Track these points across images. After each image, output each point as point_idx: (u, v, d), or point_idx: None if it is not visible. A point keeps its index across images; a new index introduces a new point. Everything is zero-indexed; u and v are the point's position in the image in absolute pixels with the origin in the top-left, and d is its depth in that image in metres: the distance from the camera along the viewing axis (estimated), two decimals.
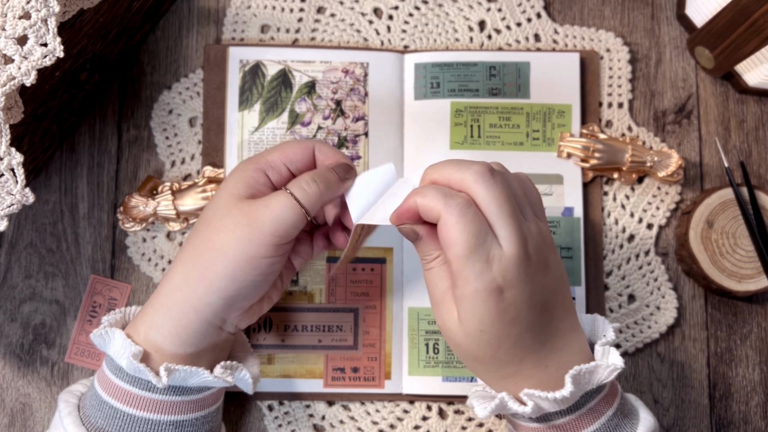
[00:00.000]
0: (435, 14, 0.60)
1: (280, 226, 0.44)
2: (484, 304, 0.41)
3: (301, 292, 0.57)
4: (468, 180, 0.41)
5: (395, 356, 0.56)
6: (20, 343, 0.56)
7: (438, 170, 0.43)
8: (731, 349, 0.58)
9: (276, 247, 0.44)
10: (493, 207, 0.41)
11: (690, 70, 0.61)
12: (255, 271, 0.45)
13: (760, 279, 0.56)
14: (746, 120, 0.60)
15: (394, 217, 0.44)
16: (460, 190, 0.42)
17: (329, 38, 0.60)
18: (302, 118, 0.58)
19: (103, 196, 0.58)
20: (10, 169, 0.41)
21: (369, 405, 0.56)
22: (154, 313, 0.46)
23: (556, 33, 0.60)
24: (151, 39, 0.60)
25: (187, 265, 0.46)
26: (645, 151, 0.57)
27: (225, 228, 0.45)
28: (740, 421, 0.57)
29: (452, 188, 0.42)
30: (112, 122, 0.59)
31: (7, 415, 0.56)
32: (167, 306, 0.46)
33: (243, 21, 0.60)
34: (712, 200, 0.56)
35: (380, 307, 0.56)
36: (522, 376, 0.44)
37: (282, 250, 0.45)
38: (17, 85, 0.40)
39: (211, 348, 0.47)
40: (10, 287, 0.57)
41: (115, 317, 0.48)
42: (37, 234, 0.57)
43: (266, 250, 0.44)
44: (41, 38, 0.40)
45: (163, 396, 0.46)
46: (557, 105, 0.58)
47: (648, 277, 0.58)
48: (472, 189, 0.41)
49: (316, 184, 0.45)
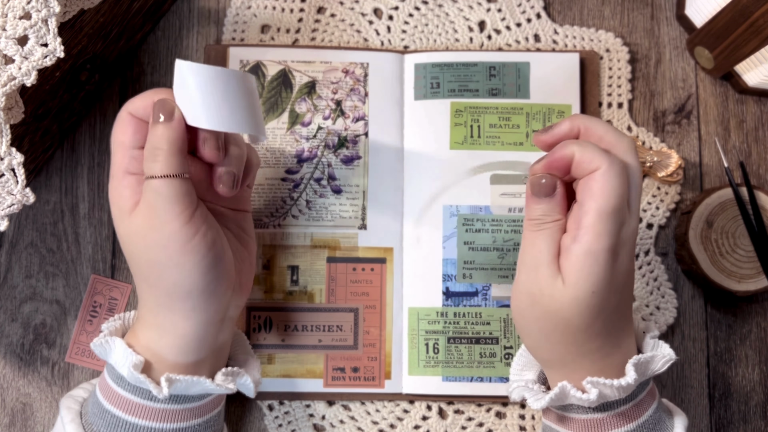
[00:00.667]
0: (435, 14, 0.61)
1: (169, 206, 0.42)
2: (604, 264, 0.41)
3: (301, 292, 0.57)
4: (624, 147, 0.43)
5: (395, 356, 0.56)
6: (21, 342, 0.56)
7: (593, 124, 0.44)
8: (731, 349, 0.58)
9: (187, 222, 0.42)
10: (636, 180, 0.43)
11: (690, 70, 0.61)
12: (198, 254, 0.43)
13: (760, 279, 0.56)
14: (746, 120, 0.60)
15: (542, 166, 0.44)
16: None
17: (329, 38, 0.60)
18: (302, 118, 0.58)
19: (104, 196, 0.58)
20: (10, 169, 0.41)
21: (369, 405, 0.57)
22: (153, 318, 0.46)
23: (556, 33, 0.60)
24: (151, 39, 0.60)
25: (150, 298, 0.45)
26: (645, 151, 0.58)
27: (140, 250, 0.43)
28: (740, 420, 0.57)
29: (600, 146, 0.43)
30: (113, 122, 0.59)
31: (8, 414, 0.56)
32: (158, 321, 0.45)
33: (243, 21, 0.60)
34: (711, 200, 0.56)
35: (380, 306, 0.57)
36: (600, 354, 0.44)
37: (194, 218, 0.43)
38: (18, 85, 0.40)
39: (211, 353, 0.47)
40: (10, 287, 0.57)
41: (114, 324, 0.48)
42: (37, 234, 0.57)
43: (186, 232, 0.42)
44: (42, 38, 0.40)
45: (165, 405, 0.45)
46: (557, 105, 0.58)
47: (648, 277, 0.58)
48: (626, 156, 0.43)
49: (155, 152, 0.42)
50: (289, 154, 0.58)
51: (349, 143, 0.58)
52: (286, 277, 0.57)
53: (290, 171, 0.58)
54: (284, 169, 0.58)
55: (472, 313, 0.56)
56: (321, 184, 0.58)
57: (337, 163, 0.58)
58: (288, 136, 0.58)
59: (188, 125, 0.43)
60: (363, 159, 0.58)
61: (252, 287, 0.56)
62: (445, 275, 0.57)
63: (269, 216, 0.57)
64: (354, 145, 0.58)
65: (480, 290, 0.57)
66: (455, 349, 0.56)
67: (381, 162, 0.58)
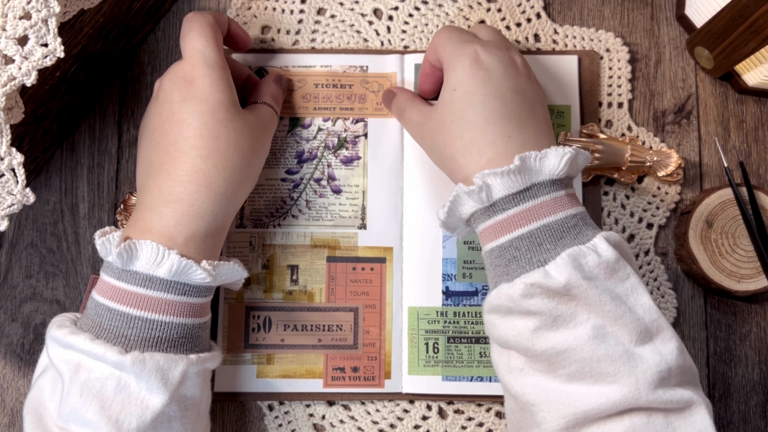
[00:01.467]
0: (435, 14, 0.61)
1: (270, 131, 0.54)
2: (460, 66, 0.48)
3: (301, 291, 0.57)
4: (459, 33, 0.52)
5: (395, 356, 0.56)
6: (21, 342, 0.56)
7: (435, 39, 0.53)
8: (730, 349, 0.58)
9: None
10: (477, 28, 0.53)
11: (689, 70, 0.61)
12: (256, 164, 0.52)
13: (760, 279, 0.56)
14: (745, 120, 0.60)
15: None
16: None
17: (329, 39, 0.60)
18: (303, 120, 0.58)
19: (104, 195, 0.58)
20: (10, 169, 0.41)
21: (369, 404, 0.57)
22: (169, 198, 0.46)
23: (556, 33, 0.60)
24: (151, 39, 0.60)
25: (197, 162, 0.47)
26: (644, 151, 0.58)
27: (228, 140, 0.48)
28: (740, 420, 0.57)
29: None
30: (113, 122, 0.59)
31: (8, 414, 0.56)
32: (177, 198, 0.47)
33: (243, 22, 0.60)
34: (711, 200, 0.56)
35: (380, 306, 0.57)
36: (485, 142, 0.46)
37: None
38: (18, 85, 0.40)
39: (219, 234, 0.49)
40: (10, 287, 0.57)
41: (114, 235, 0.46)
42: (37, 234, 0.57)
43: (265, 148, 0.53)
44: (42, 38, 0.40)
45: (189, 298, 0.46)
46: (557, 105, 0.58)
47: (647, 277, 0.58)
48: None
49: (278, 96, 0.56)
50: (289, 154, 0.58)
51: (349, 144, 0.58)
52: (285, 277, 0.57)
53: (290, 171, 0.58)
54: (284, 170, 0.58)
55: (472, 313, 0.56)
56: (321, 185, 0.58)
57: (337, 163, 0.58)
58: (288, 138, 0.58)
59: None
60: (362, 159, 0.58)
61: (252, 287, 0.56)
62: (444, 275, 0.57)
63: (269, 216, 0.57)
64: (354, 146, 0.58)
65: (480, 290, 0.57)
66: (455, 348, 0.56)
67: (381, 162, 0.58)
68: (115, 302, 0.45)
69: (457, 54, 0.49)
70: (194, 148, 0.47)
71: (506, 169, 0.44)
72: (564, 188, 0.45)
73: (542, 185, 0.45)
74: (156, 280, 0.45)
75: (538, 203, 0.44)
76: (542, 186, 0.45)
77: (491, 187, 0.44)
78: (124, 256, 0.44)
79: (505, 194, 0.44)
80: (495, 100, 0.47)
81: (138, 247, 0.44)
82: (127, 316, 0.44)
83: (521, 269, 0.44)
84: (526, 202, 0.44)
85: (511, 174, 0.44)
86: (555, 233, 0.44)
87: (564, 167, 0.45)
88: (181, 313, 0.46)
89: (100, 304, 0.45)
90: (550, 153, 0.45)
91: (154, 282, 0.45)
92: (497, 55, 0.49)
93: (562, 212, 0.44)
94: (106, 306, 0.45)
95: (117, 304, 0.44)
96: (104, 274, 0.46)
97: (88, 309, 0.46)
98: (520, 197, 0.44)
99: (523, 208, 0.44)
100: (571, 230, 0.44)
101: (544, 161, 0.45)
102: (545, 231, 0.44)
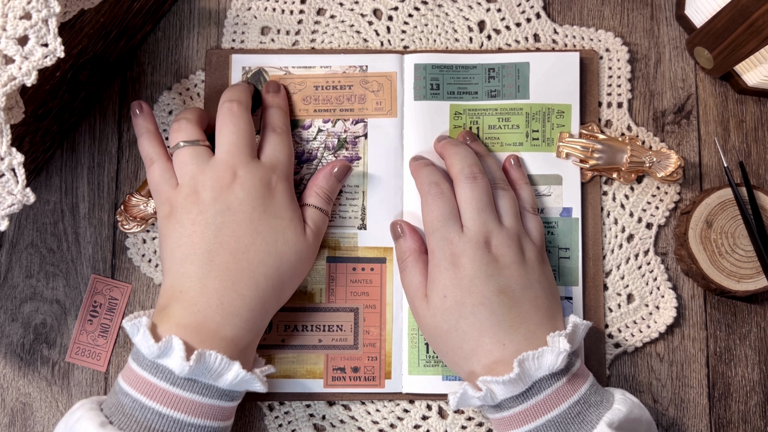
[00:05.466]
0: (434, 15, 0.61)
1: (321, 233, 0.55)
2: (445, 272, 0.50)
3: (301, 291, 0.57)
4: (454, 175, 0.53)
5: (395, 356, 0.56)
6: (21, 342, 0.56)
7: (444, 151, 0.55)
8: (730, 349, 0.58)
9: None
10: (466, 193, 0.52)
11: (689, 70, 0.61)
12: (304, 267, 0.53)
13: (759, 279, 0.56)
14: (745, 120, 0.60)
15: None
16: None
17: (329, 39, 0.60)
18: (302, 121, 0.58)
19: (104, 196, 0.58)
20: (10, 169, 0.42)
21: (369, 405, 0.57)
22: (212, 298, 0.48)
23: (556, 33, 0.60)
24: (151, 39, 0.60)
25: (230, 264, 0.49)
26: (644, 151, 0.58)
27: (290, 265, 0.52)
28: (739, 420, 0.57)
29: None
30: (113, 122, 0.59)
31: (8, 414, 0.56)
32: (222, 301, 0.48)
33: (243, 23, 0.60)
34: (711, 200, 0.56)
35: (380, 306, 0.57)
36: (483, 352, 0.48)
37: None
38: (18, 85, 0.40)
39: (255, 338, 0.51)
40: (10, 287, 0.57)
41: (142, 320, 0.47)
42: (37, 234, 0.57)
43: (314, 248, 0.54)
44: (42, 38, 0.40)
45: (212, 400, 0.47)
46: (556, 105, 0.58)
47: (647, 277, 0.58)
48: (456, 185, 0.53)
49: (327, 197, 0.55)
50: None
51: (349, 144, 0.58)
52: None
53: None
54: None
55: None
56: None
57: None
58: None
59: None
60: (362, 160, 0.58)
61: None
62: None
63: None
64: (353, 147, 0.58)
65: None
66: None
67: (381, 163, 0.58)
68: (163, 406, 0.45)
69: (440, 258, 0.50)
70: (262, 264, 0.49)
71: (507, 378, 0.46)
72: (566, 374, 0.48)
73: (543, 380, 0.47)
74: (212, 388, 0.46)
75: (541, 399, 0.47)
76: (543, 381, 0.47)
77: (495, 392, 0.47)
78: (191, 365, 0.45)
79: (508, 396, 0.47)
80: (483, 309, 0.49)
81: (205, 359, 0.45)
82: (163, 416, 0.45)
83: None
84: (529, 400, 0.47)
85: (512, 381, 0.46)
86: (560, 426, 0.46)
87: (562, 363, 0.47)
88: (215, 417, 0.47)
89: (147, 407, 0.45)
90: (546, 352, 0.47)
91: (210, 390, 0.46)
92: (477, 258, 0.50)
93: (565, 403, 0.47)
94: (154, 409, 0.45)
95: (165, 408, 0.45)
96: (142, 370, 0.46)
97: (123, 405, 0.46)
98: (523, 397, 0.47)
99: (527, 406, 0.47)
100: (575, 419, 0.46)
101: (541, 360, 0.47)
102: (550, 426, 0.46)
